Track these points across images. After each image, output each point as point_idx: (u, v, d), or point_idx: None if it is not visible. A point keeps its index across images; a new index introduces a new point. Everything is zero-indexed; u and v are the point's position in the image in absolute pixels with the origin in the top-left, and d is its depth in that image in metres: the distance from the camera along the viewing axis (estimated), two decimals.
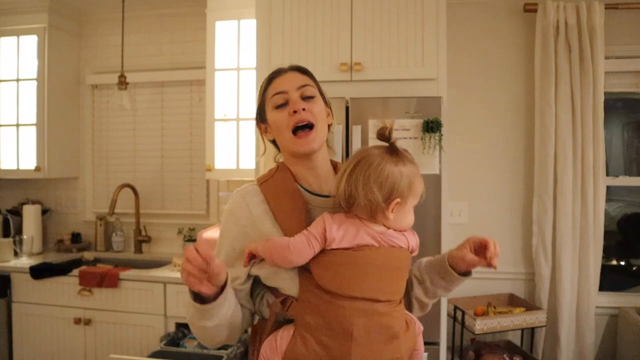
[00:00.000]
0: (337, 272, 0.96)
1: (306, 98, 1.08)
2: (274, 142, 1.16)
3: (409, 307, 1.15)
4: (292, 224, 1.03)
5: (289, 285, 1.01)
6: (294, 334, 0.99)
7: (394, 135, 1.02)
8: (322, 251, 0.97)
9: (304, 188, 1.10)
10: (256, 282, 1.09)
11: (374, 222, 0.99)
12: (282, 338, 1.00)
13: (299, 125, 1.05)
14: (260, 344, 1.04)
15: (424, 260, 1.15)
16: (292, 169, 1.11)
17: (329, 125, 1.15)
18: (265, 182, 1.10)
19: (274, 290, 1.06)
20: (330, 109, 1.18)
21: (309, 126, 1.06)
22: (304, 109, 1.05)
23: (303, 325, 0.98)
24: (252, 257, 1.03)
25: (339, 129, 2.11)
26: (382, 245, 0.98)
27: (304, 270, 1.00)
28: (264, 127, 1.15)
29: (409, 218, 1.03)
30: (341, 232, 0.97)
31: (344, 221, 0.99)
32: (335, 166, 1.18)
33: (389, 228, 1.00)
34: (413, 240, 1.04)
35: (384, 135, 1.01)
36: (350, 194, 0.97)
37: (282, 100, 1.07)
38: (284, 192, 1.07)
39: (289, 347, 0.98)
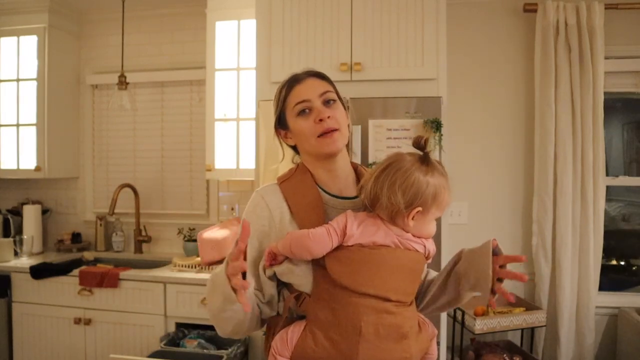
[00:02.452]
0: (352, 267, 0.99)
1: (328, 103, 1.11)
2: (293, 147, 1.19)
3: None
4: (310, 223, 1.05)
5: (303, 282, 1.04)
6: (304, 329, 1.02)
7: (420, 140, 1.02)
8: (339, 246, 1.00)
9: (322, 189, 1.13)
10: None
11: (393, 224, 1.02)
12: (293, 333, 1.03)
13: (324, 132, 1.08)
14: (273, 337, 1.07)
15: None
16: (313, 171, 1.14)
17: (347, 126, 1.16)
18: (285, 182, 1.14)
19: (289, 287, 1.08)
20: (347, 109, 1.19)
21: (333, 130, 1.09)
22: (329, 117, 1.08)
23: (314, 321, 1.01)
24: (274, 258, 1.05)
25: None
26: (398, 247, 1.00)
27: (319, 268, 1.02)
28: (284, 133, 1.17)
29: (430, 228, 1.04)
30: (360, 230, 1.00)
31: (365, 219, 1.02)
32: (356, 168, 1.20)
33: (407, 232, 1.02)
34: (430, 247, 1.06)
35: (419, 144, 1.02)
36: (376, 194, 1.00)
37: (305, 107, 1.09)
38: (303, 191, 1.11)
39: (299, 342, 1.01)
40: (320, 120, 1.07)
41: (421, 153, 1.02)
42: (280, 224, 1.09)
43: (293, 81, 1.13)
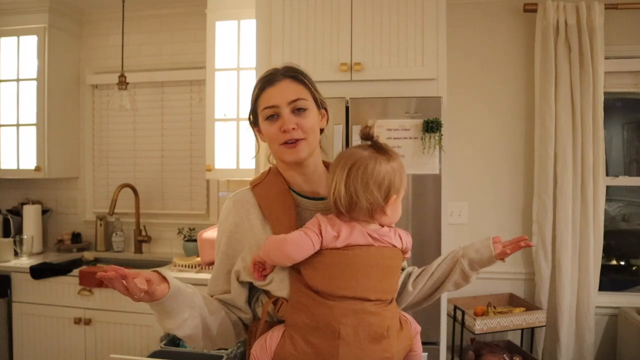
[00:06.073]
0: (328, 272, 0.97)
1: (297, 111, 1.06)
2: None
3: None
4: (283, 226, 1.04)
5: (279, 287, 1.03)
6: (283, 334, 1.00)
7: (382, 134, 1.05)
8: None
9: (294, 191, 1.11)
10: (253, 285, 1.11)
11: (371, 221, 1.01)
12: (272, 338, 1.01)
13: (288, 141, 1.06)
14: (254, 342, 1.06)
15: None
16: (285, 172, 1.12)
17: (321, 129, 1.14)
18: (257, 186, 1.12)
19: (267, 291, 1.07)
20: (326, 110, 1.16)
21: (298, 140, 1.06)
22: (294, 128, 1.05)
23: (292, 326, 1.00)
24: (263, 268, 1.03)
25: (339, 129, 2.12)
26: (372, 245, 1.00)
27: (295, 273, 1.01)
28: (257, 129, 1.15)
29: (400, 210, 1.06)
30: (334, 233, 0.99)
31: (337, 221, 1.01)
32: (328, 166, 1.17)
33: (382, 225, 1.02)
34: (407, 241, 1.06)
35: (367, 135, 1.04)
36: (351, 199, 0.99)
37: (273, 113, 1.06)
38: (275, 194, 1.09)
39: (279, 347, 0.99)
40: (284, 131, 1.04)
41: (369, 142, 1.03)
42: (252, 230, 1.07)
43: (266, 82, 1.09)
